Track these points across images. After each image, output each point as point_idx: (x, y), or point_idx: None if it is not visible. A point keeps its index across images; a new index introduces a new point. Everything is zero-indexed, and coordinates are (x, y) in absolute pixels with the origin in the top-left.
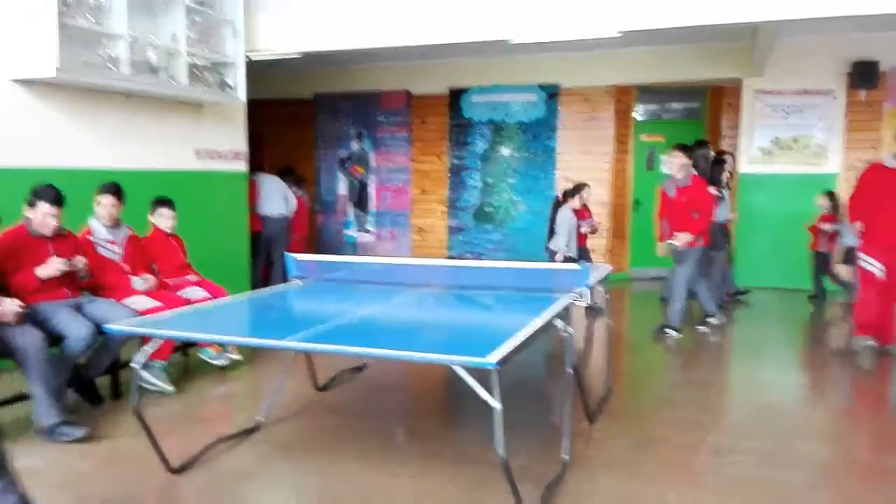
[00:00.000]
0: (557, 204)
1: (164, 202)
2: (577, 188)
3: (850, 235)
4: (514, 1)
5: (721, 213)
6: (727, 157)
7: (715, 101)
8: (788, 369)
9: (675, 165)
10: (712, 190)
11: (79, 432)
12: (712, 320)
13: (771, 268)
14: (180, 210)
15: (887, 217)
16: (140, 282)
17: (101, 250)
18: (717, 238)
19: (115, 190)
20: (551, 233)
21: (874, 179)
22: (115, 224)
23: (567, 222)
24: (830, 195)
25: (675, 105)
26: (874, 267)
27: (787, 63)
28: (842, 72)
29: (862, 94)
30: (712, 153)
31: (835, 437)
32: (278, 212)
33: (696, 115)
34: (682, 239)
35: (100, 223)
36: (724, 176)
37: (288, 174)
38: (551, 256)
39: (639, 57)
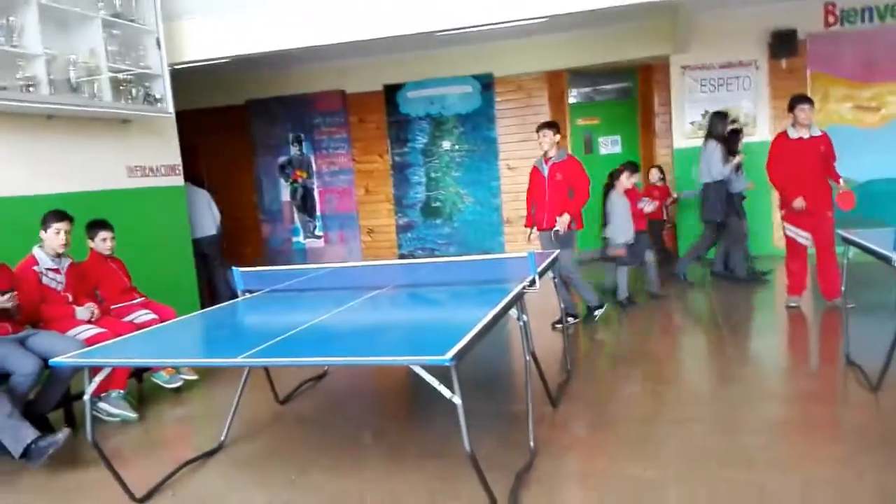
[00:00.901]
0: (608, 188)
1: (100, 224)
2: (623, 167)
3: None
4: None
5: (739, 184)
6: (741, 127)
7: (645, 79)
8: (738, 335)
9: (546, 143)
10: (735, 160)
11: (60, 435)
12: (598, 312)
13: None
14: (118, 231)
15: (799, 185)
16: (83, 311)
17: (45, 280)
18: (738, 208)
19: (70, 217)
20: (605, 219)
21: (782, 150)
22: (62, 252)
23: (618, 207)
24: (659, 168)
25: (607, 86)
26: (800, 236)
27: (711, 37)
28: (763, 42)
29: (783, 63)
30: (729, 127)
31: (789, 396)
32: (207, 232)
33: (628, 94)
34: (562, 222)
35: (45, 252)
36: (741, 146)
37: (199, 185)
38: (606, 245)
39: (567, 41)
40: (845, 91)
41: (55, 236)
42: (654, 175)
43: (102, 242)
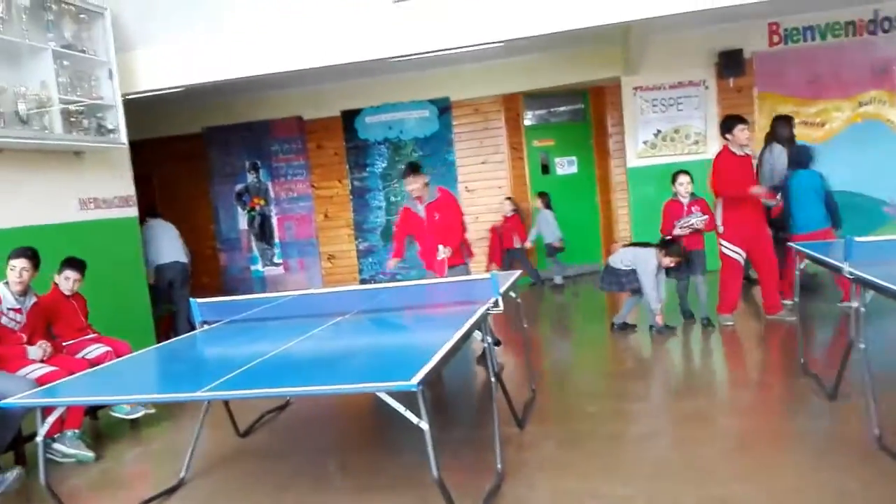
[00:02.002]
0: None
1: (69, 262)
2: (670, 245)
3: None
4: (395, 19)
5: None
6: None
7: (598, 101)
8: (694, 350)
9: (416, 190)
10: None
11: (9, 474)
12: None
13: None
14: None
15: (743, 200)
16: (36, 350)
17: (4, 320)
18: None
19: (31, 255)
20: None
21: (729, 166)
22: (25, 291)
23: (650, 274)
24: (511, 199)
25: (561, 108)
26: (735, 253)
27: (661, 59)
28: (711, 62)
29: (730, 82)
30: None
31: (750, 408)
32: (172, 258)
33: (582, 116)
34: (444, 252)
35: (9, 290)
36: None
37: (154, 215)
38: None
39: (522, 65)
40: (791, 108)
41: (10, 273)
42: (507, 206)
43: (65, 281)
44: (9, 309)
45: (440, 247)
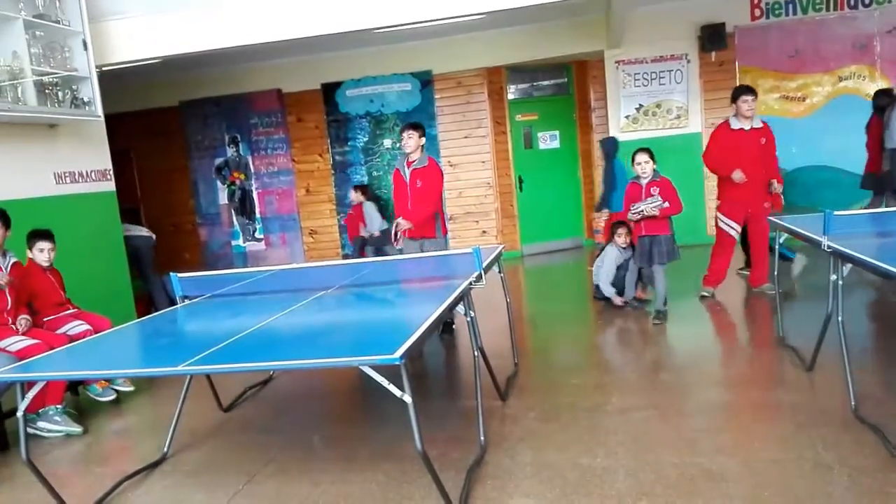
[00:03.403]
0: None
1: (37, 234)
2: (615, 227)
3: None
4: None
5: None
6: None
7: (581, 74)
8: (675, 324)
9: (411, 145)
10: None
11: None
12: None
13: None
14: None
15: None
16: (24, 320)
17: None
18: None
19: None
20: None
21: (722, 140)
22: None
23: (607, 268)
24: (364, 188)
25: (545, 82)
26: (730, 228)
27: (643, 32)
28: (693, 36)
29: (713, 56)
30: None
31: (728, 380)
32: (138, 233)
33: (565, 90)
34: (401, 225)
35: None
36: None
37: (132, 215)
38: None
39: (505, 38)
40: (773, 82)
41: None
42: (353, 196)
43: (40, 253)
44: None
45: (399, 219)
